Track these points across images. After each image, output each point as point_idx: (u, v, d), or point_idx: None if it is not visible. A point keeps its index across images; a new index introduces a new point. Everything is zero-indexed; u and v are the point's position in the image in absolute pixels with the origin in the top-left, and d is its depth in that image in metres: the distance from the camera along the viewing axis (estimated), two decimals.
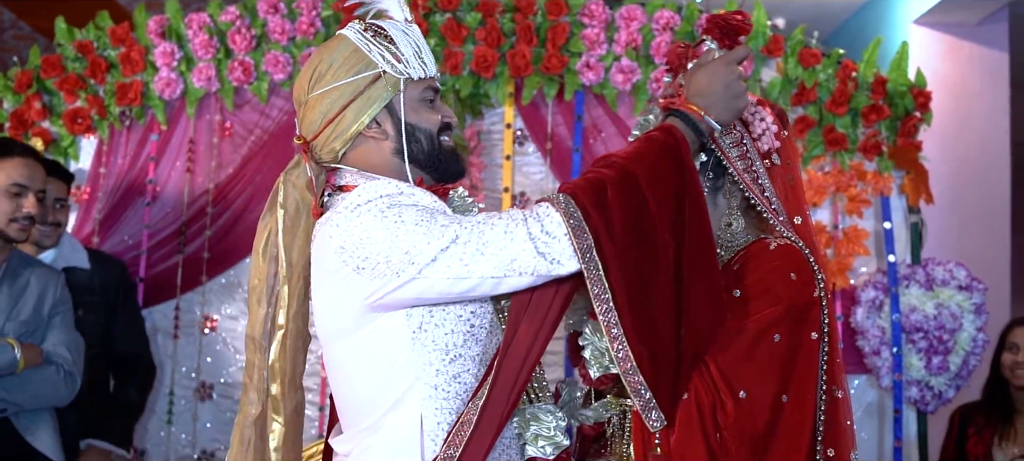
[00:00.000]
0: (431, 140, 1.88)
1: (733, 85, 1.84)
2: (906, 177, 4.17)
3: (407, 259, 1.69)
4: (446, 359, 1.79)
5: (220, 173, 4.18)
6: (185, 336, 4.18)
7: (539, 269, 1.70)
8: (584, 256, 1.68)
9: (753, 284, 1.87)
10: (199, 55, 4.11)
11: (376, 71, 1.84)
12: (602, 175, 1.73)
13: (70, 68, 4.15)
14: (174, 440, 4.15)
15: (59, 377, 3.06)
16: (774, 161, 1.99)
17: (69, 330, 3.18)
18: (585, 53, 4.07)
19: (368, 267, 1.72)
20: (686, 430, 1.77)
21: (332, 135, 1.86)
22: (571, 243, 1.68)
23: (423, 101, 1.89)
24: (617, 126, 4.17)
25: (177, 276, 4.14)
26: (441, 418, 1.78)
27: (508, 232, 1.69)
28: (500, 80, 4.12)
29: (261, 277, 1.95)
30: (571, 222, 1.68)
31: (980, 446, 3.74)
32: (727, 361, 1.80)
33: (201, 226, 4.16)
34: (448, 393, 1.79)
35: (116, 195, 4.17)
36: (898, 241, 4.17)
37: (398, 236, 1.70)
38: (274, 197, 1.95)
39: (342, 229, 1.75)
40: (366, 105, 1.84)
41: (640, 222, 1.73)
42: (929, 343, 4.06)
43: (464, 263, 1.69)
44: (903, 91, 4.14)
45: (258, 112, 4.19)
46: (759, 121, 1.99)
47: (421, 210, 1.73)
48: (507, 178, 4.18)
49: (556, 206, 1.70)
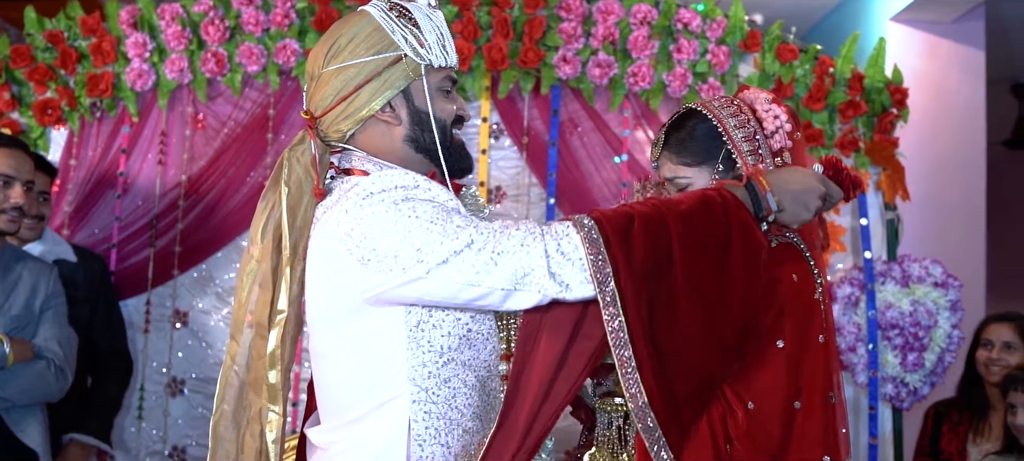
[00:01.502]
0: (444, 131, 1.83)
1: (812, 196, 1.78)
2: (883, 174, 4.17)
3: (417, 257, 1.63)
4: (440, 362, 1.75)
5: (193, 166, 4.13)
6: (156, 331, 4.14)
7: (547, 289, 1.64)
8: (602, 285, 1.61)
9: None
10: (172, 46, 4.06)
11: (397, 53, 1.77)
12: (632, 208, 1.67)
13: (40, 58, 4.08)
14: (145, 436, 4.10)
15: (50, 372, 3.02)
16: (785, 160, 1.96)
17: (61, 325, 3.13)
18: (562, 47, 4.05)
19: (375, 260, 1.66)
20: (695, 440, 1.74)
21: (343, 114, 1.80)
22: (586, 269, 1.62)
23: (441, 90, 1.84)
24: (594, 120, 4.15)
25: (148, 270, 4.09)
26: (429, 423, 1.74)
27: (525, 245, 1.63)
28: (476, 74, 4.09)
29: (262, 257, 1.87)
30: (591, 248, 1.62)
31: (954, 442, 3.75)
32: (734, 371, 1.77)
33: (173, 219, 4.11)
34: (437, 397, 1.75)
35: (87, 187, 4.11)
36: (874, 238, 4.17)
37: (411, 231, 1.64)
38: (277, 174, 1.88)
39: (351, 216, 1.69)
40: (382, 87, 1.78)
41: (662, 261, 1.65)
42: (905, 340, 4.06)
43: (475, 270, 1.63)
44: (880, 87, 4.14)
45: (231, 104, 4.15)
46: (772, 119, 1.97)
47: (437, 207, 1.68)
48: (483, 172, 4.15)
49: (578, 228, 1.64)
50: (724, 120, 1.95)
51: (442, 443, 1.75)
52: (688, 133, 1.97)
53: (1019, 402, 3.27)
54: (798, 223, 1.81)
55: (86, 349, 3.67)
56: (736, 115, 1.96)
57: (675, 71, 4.06)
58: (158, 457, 4.11)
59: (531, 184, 4.19)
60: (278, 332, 1.84)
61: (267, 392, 1.85)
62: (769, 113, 1.97)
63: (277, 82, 4.07)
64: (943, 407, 3.86)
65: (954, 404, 3.82)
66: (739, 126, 1.95)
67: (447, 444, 1.75)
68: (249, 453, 1.87)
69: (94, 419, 3.64)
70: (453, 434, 1.76)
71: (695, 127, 1.97)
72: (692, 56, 4.06)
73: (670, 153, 1.99)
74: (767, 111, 1.97)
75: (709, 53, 4.07)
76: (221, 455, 1.91)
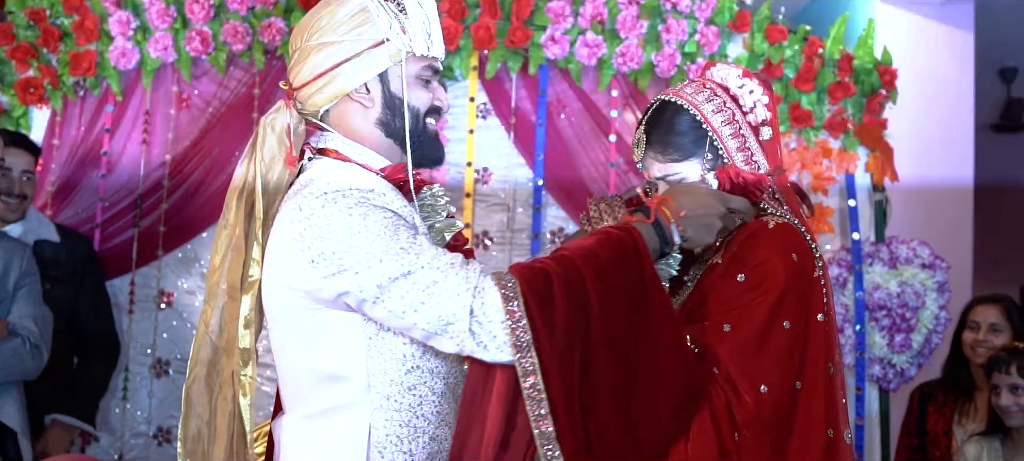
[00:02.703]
0: (416, 119, 1.82)
1: (714, 218, 1.79)
2: (871, 155, 4.16)
3: (358, 268, 1.63)
4: (403, 370, 1.73)
5: (177, 145, 4.10)
6: (140, 311, 4.10)
7: (465, 345, 1.62)
8: (521, 350, 1.56)
9: (756, 267, 1.81)
10: (155, 24, 4.01)
11: (379, 37, 1.77)
12: (548, 268, 1.63)
13: (21, 36, 4.04)
14: (129, 417, 4.08)
15: (25, 350, 3.00)
16: (765, 136, 1.95)
17: (36, 303, 3.11)
18: (550, 27, 4.02)
19: (322, 263, 1.65)
20: (700, 439, 1.71)
21: (319, 89, 1.80)
22: (507, 333, 1.58)
23: (419, 79, 1.82)
24: (581, 101, 4.13)
25: (132, 250, 4.06)
26: (390, 430, 1.72)
27: (457, 294, 1.60)
28: (464, 53, 4.06)
29: (235, 223, 1.86)
30: (511, 311, 1.58)
31: (940, 423, 3.76)
32: (742, 356, 1.74)
33: (157, 199, 4.08)
34: (400, 404, 1.73)
35: (70, 167, 4.08)
36: (862, 219, 4.17)
37: (357, 241, 1.63)
38: (254, 142, 1.87)
39: (304, 214, 1.68)
40: (360, 68, 1.78)
41: (583, 323, 1.62)
42: (892, 321, 4.07)
43: (404, 303, 1.61)
44: (869, 69, 4.13)
45: (216, 83, 4.11)
46: (748, 94, 1.94)
47: (388, 218, 1.66)
48: (470, 152, 4.13)
49: (500, 288, 1.59)
50: (702, 108, 1.92)
51: (404, 451, 1.73)
52: (669, 128, 1.93)
53: (1003, 383, 3.27)
54: (701, 246, 1.82)
55: (72, 330, 3.65)
56: (711, 100, 1.93)
57: (664, 52, 4.04)
58: (143, 438, 4.09)
59: (518, 164, 4.16)
60: (251, 297, 1.82)
61: (240, 355, 1.83)
62: (744, 88, 1.95)
63: (262, 61, 4.04)
64: (929, 388, 3.87)
65: (940, 385, 3.83)
66: (717, 111, 1.92)
67: (410, 452, 1.73)
68: (222, 416, 1.86)
69: (77, 400, 3.61)
70: (418, 442, 1.74)
71: (675, 121, 1.93)
72: (681, 36, 4.04)
73: (656, 153, 1.95)
74: (742, 87, 1.95)
75: (698, 33, 4.06)
76: (193, 419, 1.90)
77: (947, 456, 3.69)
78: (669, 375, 1.70)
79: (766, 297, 1.78)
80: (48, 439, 3.52)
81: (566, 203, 4.12)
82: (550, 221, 4.16)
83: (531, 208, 4.13)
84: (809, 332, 1.82)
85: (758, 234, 1.86)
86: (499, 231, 4.16)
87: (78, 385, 3.66)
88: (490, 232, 4.17)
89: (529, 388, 1.57)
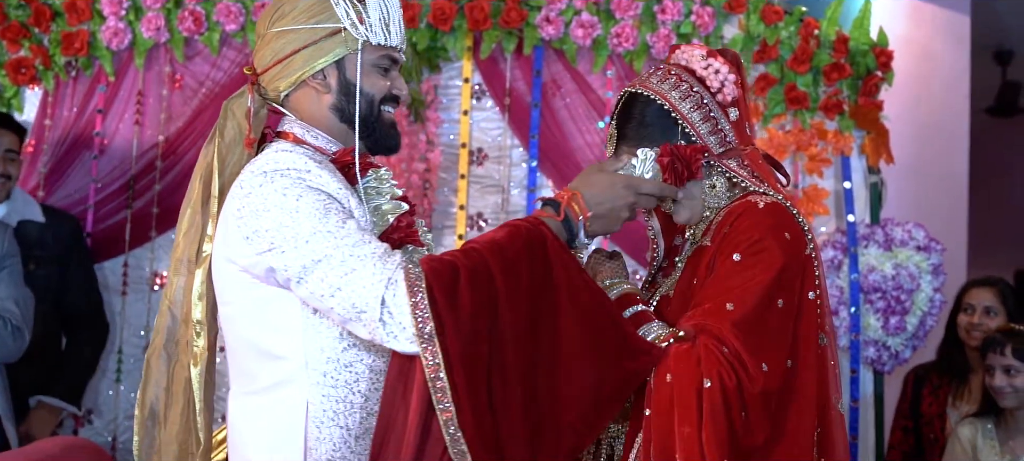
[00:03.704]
0: (371, 105, 1.88)
1: (620, 209, 1.83)
2: (867, 137, 4.15)
3: (285, 247, 1.69)
4: (339, 347, 1.78)
5: (170, 126, 4.07)
6: (134, 293, 4.08)
7: (376, 334, 1.65)
8: (425, 341, 1.60)
9: (752, 246, 1.81)
10: (148, 4, 3.98)
11: (336, 26, 1.84)
12: (456, 261, 1.66)
13: (13, 16, 4.00)
14: (123, 399, 4.06)
15: (7, 332, 2.98)
16: (734, 116, 1.94)
17: (17, 284, 3.09)
18: (545, 7, 4.00)
19: (254, 238, 1.72)
20: (713, 422, 1.70)
21: (278, 75, 1.87)
22: (413, 324, 1.61)
23: (376, 67, 1.89)
24: (576, 81, 4.11)
25: (125, 231, 4.04)
26: (327, 405, 1.77)
27: (371, 284, 1.63)
28: (458, 33, 4.04)
29: (195, 199, 1.93)
30: (415, 303, 1.61)
31: (935, 406, 3.77)
32: (748, 333, 1.74)
33: (150, 180, 4.05)
34: (337, 381, 1.78)
35: (62, 148, 4.05)
36: (858, 201, 4.16)
37: (287, 221, 1.69)
38: (217, 124, 1.93)
39: (244, 192, 1.76)
40: (317, 55, 1.85)
41: (490, 316, 1.65)
42: (887, 303, 4.06)
43: (323, 286, 1.66)
44: (865, 50, 4.11)
45: (209, 64, 4.08)
46: (714, 74, 1.93)
47: (321, 199, 1.72)
48: (464, 133, 4.11)
49: (407, 280, 1.62)
50: (668, 96, 1.91)
51: (341, 425, 1.78)
52: (639, 121, 1.94)
53: (998, 364, 3.28)
54: (607, 234, 1.86)
55: (58, 311, 3.63)
56: (677, 87, 1.93)
57: (659, 32, 4.02)
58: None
59: (513, 146, 4.15)
60: (203, 271, 1.88)
61: (193, 327, 1.90)
62: (710, 70, 1.94)
63: (256, 41, 4.00)
64: (923, 371, 3.88)
65: (934, 368, 3.84)
66: (683, 97, 1.92)
67: (347, 426, 1.78)
68: (178, 384, 1.92)
69: (63, 382, 3.60)
70: (354, 416, 1.79)
71: (644, 113, 1.94)
72: (676, 17, 4.02)
73: (629, 146, 1.95)
74: (707, 68, 1.94)
75: (693, 14, 4.04)
76: (152, 385, 1.96)
77: (941, 438, 3.70)
78: (582, 369, 1.72)
79: (764, 275, 1.78)
80: (32, 421, 3.50)
81: (561, 184, 4.10)
82: None
83: (525, 189, 4.12)
84: (802, 310, 1.82)
85: (749, 214, 1.85)
86: (493, 212, 4.15)
87: (65, 367, 3.65)
88: (484, 213, 4.15)
89: (434, 379, 1.60)
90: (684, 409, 1.71)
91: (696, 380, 1.71)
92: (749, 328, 1.75)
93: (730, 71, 1.94)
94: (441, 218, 4.13)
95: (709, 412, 1.70)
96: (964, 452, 3.35)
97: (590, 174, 1.86)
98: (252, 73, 1.93)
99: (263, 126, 1.95)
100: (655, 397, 1.74)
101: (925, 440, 3.78)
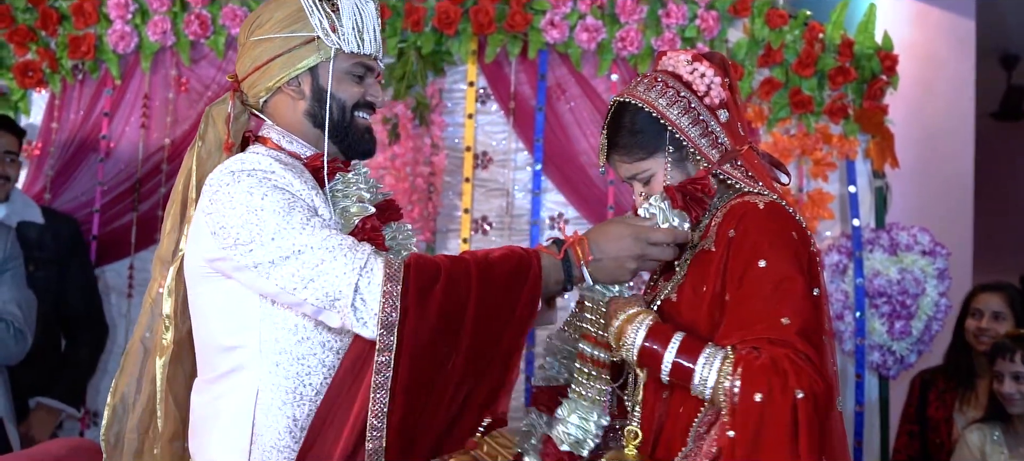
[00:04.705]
0: (343, 111, 1.94)
1: (628, 260, 1.87)
2: (872, 141, 4.15)
3: (252, 246, 1.76)
4: (293, 340, 1.84)
5: (176, 129, 4.09)
6: (139, 295, 4.09)
7: (347, 320, 1.74)
8: (385, 328, 1.69)
9: (773, 250, 1.81)
10: (154, 8, 4.00)
11: (310, 35, 1.90)
12: (441, 264, 1.75)
13: (20, 20, 4.02)
14: None
15: (9, 334, 2.99)
16: (723, 118, 1.95)
17: (20, 287, 3.10)
18: (549, 11, 4.01)
19: (220, 236, 1.79)
20: (807, 434, 1.69)
21: (256, 82, 1.94)
22: (381, 310, 1.70)
23: (349, 75, 1.94)
24: (581, 85, 4.11)
25: (131, 234, 4.05)
26: (276, 395, 1.83)
27: (345, 272, 1.72)
28: (463, 37, 4.05)
29: (176, 200, 2.01)
30: (387, 291, 1.70)
31: (941, 410, 3.76)
32: (812, 341, 1.75)
33: (156, 183, 4.07)
34: (288, 372, 1.83)
35: (68, 151, 4.06)
36: (863, 205, 4.16)
37: (252, 219, 1.76)
38: (199, 129, 2.01)
39: (213, 190, 1.83)
40: (291, 63, 1.91)
41: (454, 324, 1.74)
42: (892, 308, 4.06)
43: (294, 280, 1.74)
44: (870, 54, 4.11)
45: (215, 67, 4.10)
46: (700, 78, 1.95)
47: (285, 199, 1.78)
48: (469, 137, 4.12)
49: (387, 268, 1.72)
50: (655, 104, 1.93)
51: (288, 416, 1.83)
52: (629, 130, 1.96)
53: (1007, 370, 3.27)
54: (614, 282, 1.89)
55: (58, 313, 3.64)
56: (664, 93, 1.94)
57: (664, 36, 4.03)
58: None
59: (517, 149, 4.16)
60: (174, 268, 1.96)
61: (162, 321, 1.98)
62: (695, 74, 1.95)
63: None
64: (929, 375, 3.86)
65: (941, 372, 3.83)
66: (671, 104, 1.92)
67: (294, 417, 1.83)
68: (148, 375, 2.01)
69: (63, 383, 3.60)
70: (302, 408, 1.84)
71: (634, 122, 1.95)
72: (681, 21, 4.03)
73: (620, 155, 1.98)
74: (693, 73, 1.95)
75: (698, 18, 4.04)
76: (126, 376, 2.06)
77: (947, 443, 3.68)
78: (481, 393, 1.80)
79: (797, 275, 1.80)
80: (32, 422, 3.51)
81: (565, 188, 4.11)
82: (549, 206, 4.16)
83: (530, 193, 4.13)
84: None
85: (752, 215, 1.85)
86: (498, 216, 4.16)
87: (64, 368, 3.66)
88: (489, 217, 4.16)
89: (380, 363, 1.69)
90: (777, 426, 1.69)
91: (790, 394, 1.69)
92: (811, 332, 1.76)
93: (716, 74, 1.95)
94: (445, 221, 4.14)
95: (805, 422, 1.69)
96: (973, 457, 3.34)
97: (606, 223, 1.92)
98: (234, 80, 1.99)
99: (244, 131, 2.02)
100: (741, 418, 1.71)
101: (931, 445, 3.77)
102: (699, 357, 1.77)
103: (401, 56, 4.04)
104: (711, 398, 1.78)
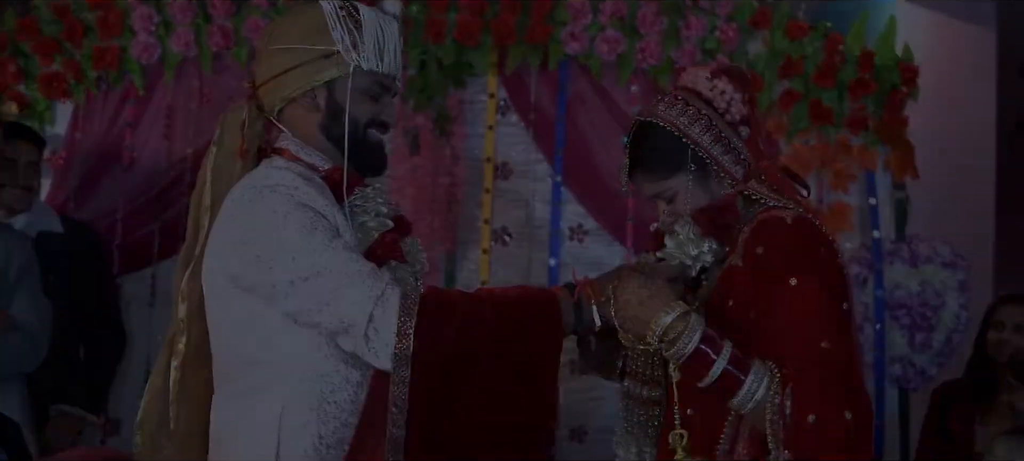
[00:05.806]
0: (356, 128, 1.92)
1: (643, 315, 1.79)
2: (892, 153, 4.14)
3: (272, 262, 1.76)
4: (318, 356, 1.82)
5: (199, 140, 4.11)
6: (162, 305, 4.12)
7: (359, 348, 1.75)
8: (399, 362, 1.70)
9: (804, 268, 1.79)
10: (178, 19, 4.04)
11: (330, 49, 1.89)
12: (457, 300, 1.79)
13: (46, 31, 4.07)
14: None
15: (25, 342, 3.01)
16: (743, 134, 1.95)
17: (36, 296, 3.13)
18: (570, 23, 4.02)
19: (242, 250, 1.79)
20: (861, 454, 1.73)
21: (272, 90, 1.93)
22: (395, 343, 1.70)
23: (366, 93, 1.93)
24: (601, 97, 4.12)
25: (154, 244, 4.08)
26: (301, 413, 1.81)
27: (361, 300, 1.72)
28: (483, 49, 4.06)
29: (195, 205, 1.99)
30: (402, 323, 1.70)
31: (963, 423, 3.73)
32: (849, 361, 1.77)
33: (179, 193, 4.08)
34: (312, 390, 1.82)
35: (92, 161, 4.11)
36: (883, 217, 4.15)
37: (275, 236, 1.76)
38: (215, 136, 2.01)
39: (236, 205, 1.83)
40: (309, 75, 1.90)
41: (469, 361, 1.74)
42: (912, 320, 4.05)
43: (312, 301, 1.74)
44: (890, 66, 4.11)
45: (238, 78, 4.11)
46: (720, 95, 1.93)
47: (308, 217, 1.78)
48: (489, 148, 4.14)
49: (402, 300, 1.72)
50: (676, 122, 1.92)
51: (313, 433, 1.81)
52: (651, 149, 1.95)
53: None
54: (636, 335, 1.82)
55: (77, 322, 3.66)
56: (685, 111, 1.93)
57: (684, 48, 4.03)
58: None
59: (537, 160, 4.17)
60: (190, 271, 1.95)
61: (176, 325, 1.98)
62: (715, 90, 1.94)
63: None
64: (950, 388, 3.84)
65: (962, 385, 3.80)
66: (692, 122, 1.91)
67: (320, 435, 1.82)
68: (162, 376, 2.01)
69: (84, 390, 3.63)
70: (327, 425, 1.82)
71: (656, 140, 1.94)
72: (701, 33, 4.03)
73: (643, 174, 1.98)
74: (712, 90, 1.94)
75: (718, 30, 4.04)
76: (156, 376, 2.04)
77: (969, 456, 3.66)
78: (496, 444, 1.80)
79: (830, 295, 1.79)
80: (53, 429, 3.53)
81: (585, 199, 4.12)
82: (569, 217, 4.17)
83: (550, 204, 4.14)
84: None
85: (779, 230, 1.84)
86: (518, 227, 4.17)
87: (83, 375, 3.67)
88: (509, 228, 4.17)
89: (395, 397, 1.70)
90: (833, 449, 1.69)
91: (842, 415, 1.70)
92: (849, 353, 1.77)
93: (735, 90, 1.94)
94: (466, 232, 4.15)
95: (860, 443, 1.70)
96: None
97: (632, 280, 1.84)
98: (251, 86, 1.99)
99: (260, 138, 2.00)
100: (797, 442, 1.70)
101: (952, 458, 3.75)
102: (750, 371, 1.75)
103: (422, 67, 4.06)
104: (750, 412, 1.77)
